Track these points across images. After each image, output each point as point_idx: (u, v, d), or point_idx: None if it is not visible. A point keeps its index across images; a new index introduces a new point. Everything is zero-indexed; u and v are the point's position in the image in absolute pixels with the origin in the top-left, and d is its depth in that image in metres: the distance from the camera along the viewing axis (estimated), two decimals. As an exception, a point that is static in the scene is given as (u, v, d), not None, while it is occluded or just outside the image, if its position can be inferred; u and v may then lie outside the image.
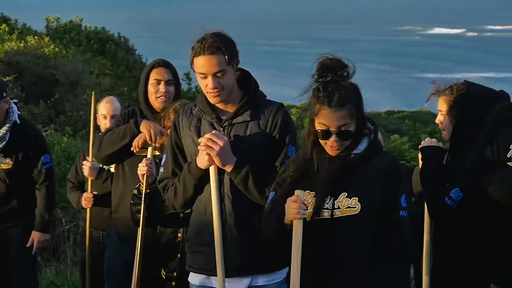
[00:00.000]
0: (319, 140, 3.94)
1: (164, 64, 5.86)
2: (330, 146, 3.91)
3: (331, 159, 3.94)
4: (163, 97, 5.78)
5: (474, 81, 4.93)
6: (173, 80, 5.83)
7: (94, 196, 6.69)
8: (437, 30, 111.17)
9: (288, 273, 4.44)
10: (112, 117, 6.84)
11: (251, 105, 4.52)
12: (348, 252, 3.86)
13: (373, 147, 3.98)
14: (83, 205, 6.75)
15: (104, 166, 6.66)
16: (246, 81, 4.60)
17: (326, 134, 3.89)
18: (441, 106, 4.79)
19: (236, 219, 4.48)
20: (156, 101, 5.80)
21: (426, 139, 4.77)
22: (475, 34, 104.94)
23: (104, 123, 6.87)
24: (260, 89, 4.69)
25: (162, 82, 5.80)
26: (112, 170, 6.50)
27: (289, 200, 3.86)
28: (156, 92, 5.80)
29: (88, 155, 6.75)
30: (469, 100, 4.71)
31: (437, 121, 4.86)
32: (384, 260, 3.82)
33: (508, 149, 4.17)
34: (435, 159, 4.63)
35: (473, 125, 4.62)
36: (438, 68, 66.23)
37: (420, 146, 4.74)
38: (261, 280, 4.52)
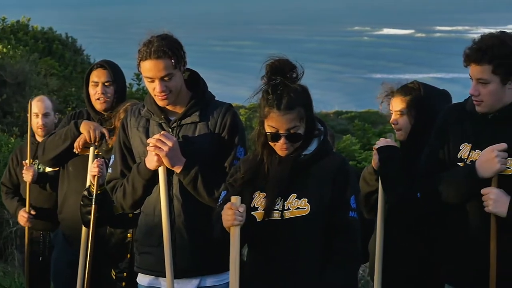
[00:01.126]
0: (269, 142, 3.93)
1: (102, 65, 5.82)
2: (279, 148, 3.91)
3: (281, 161, 3.94)
4: (101, 99, 5.75)
5: (425, 81, 4.96)
6: (112, 81, 5.78)
7: (32, 211, 6.60)
8: (386, 31, 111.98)
9: None
10: (44, 115, 6.78)
11: (199, 106, 4.52)
12: (298, 253, 3.86)
13: (323, 148, 3.98)
14: (20, 222, 6.67)
15: (40, 168, 6.61)
16: (194, 82, 4.59)
17: (275, 137, 3.89)
18: (397, 106, 4.78)
19: (184, 220, 4.48)
20: (96, 103, 5.79)
21: (381, 139, 4.77)
22: (424, 34, 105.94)
23: (36, 122, 6.80)
24: (212, 89, 4.69)
25: (100, 84, 5.77)
26: (47, 170, 6.50)
27: (225, 207, 3.86)
28: (94, 94, 5.77)
29: (25, 159, 6.68)
30: (426, 100, 4.75)
31: (392, 121, 4.84)
32: (333, 260, 3.82)
33: (458, 149, 4.20)
34: (395, 158, 4.64)
35: (430, 125, 4.66)
36: (388, 68, 66.76)
37: (377, 147, 4.73)
38: (209, 281, 4.53)
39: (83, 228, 5.61)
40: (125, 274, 5.29)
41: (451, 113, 4.34)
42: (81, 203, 5.42)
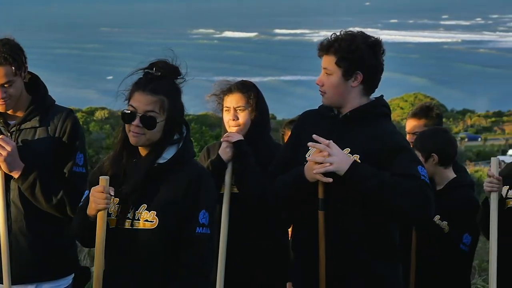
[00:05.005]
0: (125, 125, 3.80)
1: None
2: (132, 130, 3.78)
3: (137, 168, 3.82)
4: None
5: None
6: None
7: None
8: (229, 34, 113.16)
9: (74, 278, 4.49)
10: None
11: (39, 111, 4.45)
12: (144, 265, 3.77)
13: (180, 157, 3.86)
14: None
15: None
16: (35, 85, 4.49)
17: (131, 117, 3.76)
18: (237, 102, 4.78)
19: (22, 226, 4.40)
20: None
21: (233, 133, 4.75)
22: (266, 37, 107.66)
23: None
24: (57, 92, 4.60)
25: None
26: None
27: (93, 189, 3.73)
28: None
29: None
30: (261, 94, 4.83)
31: (232, 117, 4.81)
32: (179, 276, 3.73)
33: (308, 149, 4.22)
34: (250, 151, 4.68)
35: (267, 120, 4.80)
36: (234, 71, 67.37)
37: (233, 140, 4.71)
38: (46, 287, 4.46)
39: None
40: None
41: (306, 116, 4.39)
42: None
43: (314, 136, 4.05)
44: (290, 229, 4.96)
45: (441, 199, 4.91)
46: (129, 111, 3.78)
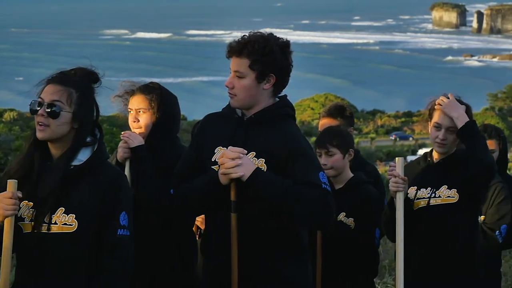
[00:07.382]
0: (31, 114, 3.72)
1: None
2: (38, 121, 3.71)
3: (51, 170, 3.72)
4: None
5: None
6: None
7: None
8: (142, 35, 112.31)
9: None
10: None
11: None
12: (63, 270, 3.69)
13: (96, 159, 3.78)
14: None
15: None
16: None
17: (37, 107, 3.70)
18: (138, 104, 4.76)
19: None
20: None
21: (133, 134, 4.73)
22: (179, 38, 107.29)
23: None
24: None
25: None
26: None
27: (1, 195, 3.62)
28: None
29: None
30: (165, 98, 4.79)
31: (133, 119, 4.79)
32: (101, 279, 3.68)
33: (213, 153, 4.21)
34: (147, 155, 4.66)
35: (170, 121, 4.76)
36: (151, 72, 66.83)
37: (133, 145, 4.67)
38: None
39: None
40: None
41: (209, 119, 4.35)
42: None
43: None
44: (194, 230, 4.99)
45: (344, 196, 5.02)
46: (36, 102, 3.71)
